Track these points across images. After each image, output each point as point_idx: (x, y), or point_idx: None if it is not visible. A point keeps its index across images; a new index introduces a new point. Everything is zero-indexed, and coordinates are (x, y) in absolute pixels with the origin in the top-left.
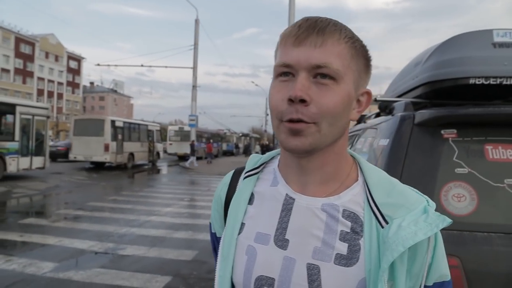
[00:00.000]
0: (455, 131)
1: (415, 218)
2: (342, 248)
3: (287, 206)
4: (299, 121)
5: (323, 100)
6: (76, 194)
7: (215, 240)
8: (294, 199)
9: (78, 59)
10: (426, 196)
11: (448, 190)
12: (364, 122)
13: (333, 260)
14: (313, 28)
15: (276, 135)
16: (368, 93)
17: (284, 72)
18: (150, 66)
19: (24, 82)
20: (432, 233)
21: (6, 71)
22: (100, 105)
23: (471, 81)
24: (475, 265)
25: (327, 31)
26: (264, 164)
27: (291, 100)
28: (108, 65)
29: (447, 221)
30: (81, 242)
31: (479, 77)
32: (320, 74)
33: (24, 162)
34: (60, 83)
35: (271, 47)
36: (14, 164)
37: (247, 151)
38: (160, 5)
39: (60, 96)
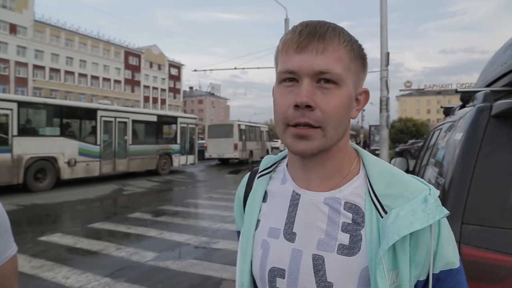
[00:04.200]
0: None
1: (413, 208)
2: (344, 238)
3: (294, 202)
4: (306, 125)
5: (327, 104)
6: (177, 193)
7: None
8: (299, 195)
9: (178, 66)
10: (430, 185)
11: None
12: (453, 114)
13: (336, 251)
14: (313, 35)
15: (282, 140)
16: (366, 92)
17: (288, 78)
18: (243, 68)
19: (132, 90)
20: (428, 223)
21: (118, 82)
22: (199, 108)
23: None
24: None
25: (327, 37)
26: (276, 164)
27: (297, 106)
28: (204, 70)
29: (444, 212)
30: (179, 236)
31: None
32: (323, 79)
33: (182, 159)
34: (163, 90)
35: (367, 40)
36: (177, 161)
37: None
38: (251, 8)
39: (163, 101)
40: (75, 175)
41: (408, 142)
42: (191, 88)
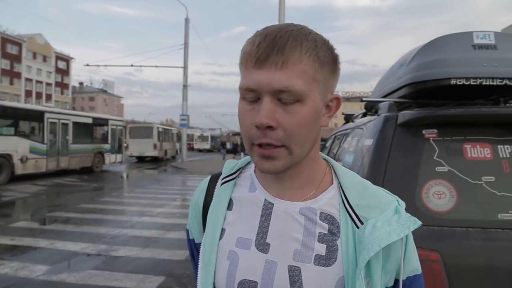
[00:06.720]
0: (435, 131)
1: (388, 218)
2: (321, 249)
3: (266, 211)
4: (268, 145)
5: (289, 123)
6: (67, 196)
7: (193, 246)
8: (273, 204)
9: (67, 60)
10: (396, 196)
11: (429, 188)
12: (352, 121)
13: (313, 261)
14: (272, 48)
15: (250, 156)
16: (337, 98)
17: (249, 95)
18: (141, 66)
19: (11, 83)
20: (404, 234)
21: None
22: (90, 106)
23: (453, 82)
24: (454, 259)
25: (287, 49)
26: (240, 170)
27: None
28: (98, 65)
29: (417, 223)
30: (73, 245)
31: (460, 78)
32: (284, 96)
33: (112, 158)
34: (48, 84)
35: None
36: (108, 159)
37: (235, 150)
38: (148, 4)
39: (48, 97)
40: (26, 171)
41: None
42: (81, 84)
